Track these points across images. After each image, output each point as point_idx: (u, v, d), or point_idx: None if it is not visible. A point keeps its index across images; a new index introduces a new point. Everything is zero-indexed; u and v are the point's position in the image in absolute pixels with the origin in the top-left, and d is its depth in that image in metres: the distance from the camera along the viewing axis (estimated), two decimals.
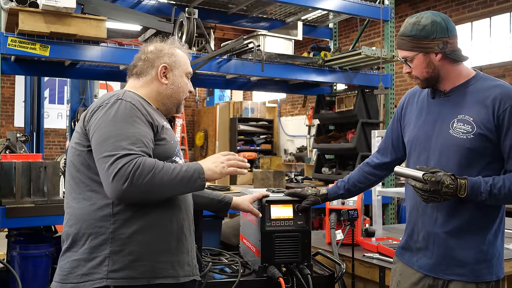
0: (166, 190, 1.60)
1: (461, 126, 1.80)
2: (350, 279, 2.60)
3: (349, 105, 5.44)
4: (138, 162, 1.51)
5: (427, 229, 1.89)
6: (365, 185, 2.25)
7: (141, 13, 4.47)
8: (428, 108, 1.95)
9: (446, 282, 1.87)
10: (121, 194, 1.51)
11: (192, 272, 1.76)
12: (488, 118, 1.77)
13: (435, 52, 1.83)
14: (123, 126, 1.59)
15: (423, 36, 1.82)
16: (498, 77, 7.18)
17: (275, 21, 5.74)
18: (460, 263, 1.83)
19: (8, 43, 3.46)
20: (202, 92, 12.77)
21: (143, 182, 1.50)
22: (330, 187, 2.31)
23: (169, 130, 1.80)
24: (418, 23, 1.83)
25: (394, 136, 2.15)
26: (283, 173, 4.93)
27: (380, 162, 2.20)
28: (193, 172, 1.62)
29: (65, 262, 1.64)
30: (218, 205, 2.20)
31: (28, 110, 6.89)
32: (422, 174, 1.70)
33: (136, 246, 1.60)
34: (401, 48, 1.89)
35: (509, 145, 1.76)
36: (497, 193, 1.73)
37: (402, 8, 8.59)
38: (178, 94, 1.87)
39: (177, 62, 1.86)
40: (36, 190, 3.23)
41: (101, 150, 1.55)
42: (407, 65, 1.90)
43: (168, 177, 1.55)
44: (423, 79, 1.89)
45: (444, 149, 1.84)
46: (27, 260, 3.22)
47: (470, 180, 1.73)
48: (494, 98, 1.77)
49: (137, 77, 1.86)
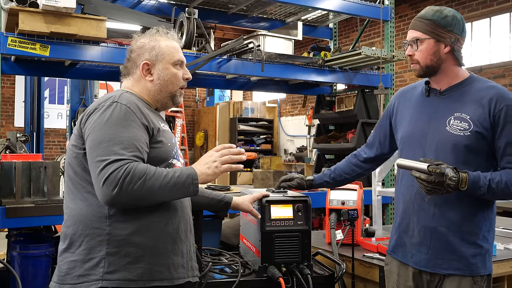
0: (157, 196, 1.58)
1: (458, 123, 1.85)
2: (350, 279, 2.60)
3: (349, 105, 5.44)
4: (128, 168, 1.50)
5: (423, 224, 1.91)
6: (350, 176, 2.33)
7: (141, 13, 4.47)
8: (423, 106, 1.98)
9: (442, 277, 1.88)
10: (110, 199, 1.51)
11: (187, 274, 1.75)
12: (485, 117, 1.82)
13: (446, 43, 1.88)
14: (116, 130, 1.58)
15: (442, 25, 1.86)
16: (498, 77, 7.16)
17: (275, 21, 5.74)
18: (457, 258, 1.86)
19: (8, 43, 3.45)
20: (202, 92, 12.77)
21: (133, 188, 1.49)
22: (317, 174, 2.38)
23: (166, 132, 1.79)
24: (441, 12, 1.88)
25: (382, 132, 2.22)
26: (283, 173, 4.93)
27: (367, 157, 2.28)
28: (186, 178, 1.60)
29: (63, 263, 1.65)
30: (218, 205, 2.20)
31: (28, 110, 6.90)
32: (427, 166, 1.72)
33: (132, 248, 1.60)
34: (415, 29, 1.92)
35: (504, 142, 1.82)
36: (494, 188, 1.78)
37: (402, 8, 8.59)
38: (167, 87, 1.83)
39: (160, 55, 1.81)
40: (36, 190, 3.22)
41: (93, 155, 1.55)
42: (412, 47, 1.92)
43: (159, 183, 1.54)
44: (424, 66, 1.92)
45: (441, 146, 1.88)
46: (27, 260, 3.22)
47: (470, 174, 1.76)
48: (490, 98, 1.84)
49: (126, 77, 1.86)
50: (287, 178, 2.35)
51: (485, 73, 7.52)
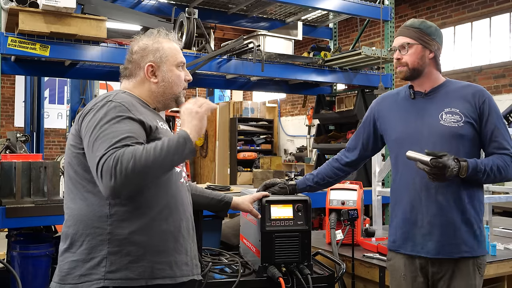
0: (157, 168, 1.54)
1: (450, 116, 2.06)
2: (350, 279, 2.60)
3: (349, 105, 5.44)
4: (116, 156, 1.48)
5: (433, 214, 2.05)
6: (333, 179, 2.43)
7: (141, 13, 4.47)
8: (411, 107, 2.17)
9: (452, 268, 2.02)
10: (112, 190, 1.49)
11: (191, 271, 1.75)
12: (473, 109, 2.06)
13: (431, 50, 2.12)
14: (109, 127, 1.57)
15: (427, 33, 2.11)
16: (498, 77, 7.17)
17: (275, 21, 5.74)
18: (464, 242, 2.03)
19: (8, 43, 3.46)
20: (202, 92, 12.76)
21: (127, 172, 1.47)
22: (299, 179, 2.44)
23: (165, 131, 1.78)
24: (425, 22, 2.14)
25: (365, 136, 2.36)
26: (283, 173, 4.93)
27: (349, 160, 2.39)
28: (177, 140, 1.57)
29: (64, 263, 1.64)
30: (218, 205, 2.20)
31: (28, 110, 6.90)
32: (430, 159, 1.89)
33: (133, 247, 1.60)
34: (404, 35, 2.14)
35: (491, 129, 2.06)
36: (489, 172, 1.99)
37: (402, 8, 8.59)
38: (171, 89, 1.83)
39: (164, 57, 1.81)
40: (36, 190, 3.22)
41: (91, 155, 1.56)
42: (400, 51, 2.14)
43: (152, 157, 1.51)
44: (411, 68, 2.12)
45: (438, 139, 2.06)
46: (27, 260, 3.22)
47: (469, 162, 1.97)
48: (473, 94, 2.08)
49: (128, 79, 1.84)
50: (269, 184, 2.37)
51: (485, 73, 7.52)
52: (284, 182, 2.38)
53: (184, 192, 1.81)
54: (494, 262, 2.62)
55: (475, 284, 2.04)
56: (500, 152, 2.04)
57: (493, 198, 3.26)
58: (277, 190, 2.33)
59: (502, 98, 6.96)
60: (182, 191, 1.79)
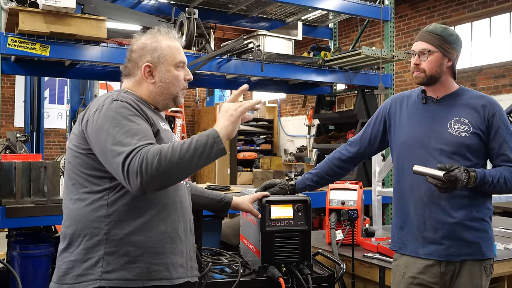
0: (183, 167, 1.51)
1: (459, 126, 2.06)
2: (350, 279, 2.60)
3: (349, 105, 5.44)
4: (142, 155, 1.47)
5: (436, 218, 2.05)
6: (332, 177, 2.44)
7: (141, 13, 4.47)
8: (422, 112, 2.17)
9: (459, 268, 2.03)
10: (140, 189, 1.49)
11: (186, 274, 1.74)
12: (481, 121, 2.06)
13: (450, 58, 2.10)
14: (121, 125, 1.56)
15: (449, 41, 2.09)
16: (498, 77, 7.19)
17: (275, 21, 5.73)
18: (468, 245, 2.03)
19: (8, 43, 3.45)
20: (202, 92, 12.76)
21: (152, 171, 1.46)
22: (298, 179, 2.44)
23: (167, 132, 1.78)
24: (447, 29, 2.12)
25: (373, 133, 2.35)
26: (283, 173, 4.93)
27: (351, 155, 2.38)
28: (206, 139, 1.53)
29: (62, 263, 1.65)
30: (218, 205, 2.20)
31: (28, 110, 6.89)
32: (443, 174, 1.90)
33: (130, 248, 1.60)
34: (424, 41, 2.10)
35: (499, 143, 2.06)
36: (495, 184, 2.01)
37: (402, 8, 8.59)
38: (168, 89, 1.80)
39: (161, 57, 1.77)
40: (36, 190, 3.22)
41: (108, 157, 1.53)
42: (420, 57, 2.10)
43: (177, 156, 1.48)
44: (429, 75, 2.10)
45: (444, 147, 2.06)
46: (27, 260, 3.22)
47: (478, 173, 1.98)
48: (483, 105, 2.08)
49: (128, 78, 1.83)
50: (269, 184, 2.37)
51: (485, 73, 7.52)
52: (284, 182, 2.38)
53: (184, 193, 1.81)
54: (494, 262, 2.61)
55: (481, 284, 2.04)
56: (508, 164, 2.05)
57: (493, 198, 3.25)
58: (277, 190, 2.34)
59: (502, 98, 6.96)
60: (181, 192, 1.78)
